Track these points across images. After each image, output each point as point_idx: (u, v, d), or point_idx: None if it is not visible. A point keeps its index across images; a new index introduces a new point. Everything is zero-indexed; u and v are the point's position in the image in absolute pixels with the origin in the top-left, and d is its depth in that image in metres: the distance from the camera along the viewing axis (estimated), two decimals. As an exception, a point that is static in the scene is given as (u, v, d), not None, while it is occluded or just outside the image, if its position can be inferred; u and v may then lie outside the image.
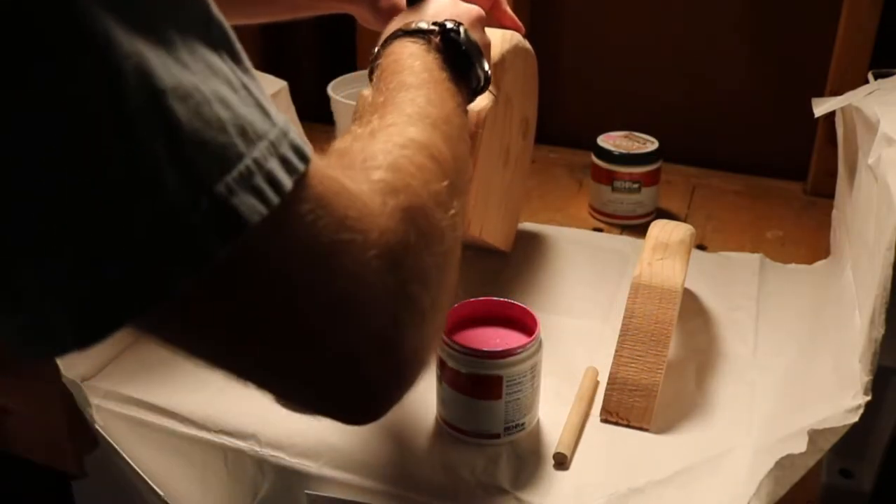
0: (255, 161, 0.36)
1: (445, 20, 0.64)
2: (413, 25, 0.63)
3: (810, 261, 0.97)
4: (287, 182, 0.37)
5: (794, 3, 1.17)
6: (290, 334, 0.39)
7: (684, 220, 1.07)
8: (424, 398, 0.75)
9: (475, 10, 0.71)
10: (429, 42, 0.62)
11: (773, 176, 1.21)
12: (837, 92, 0.97)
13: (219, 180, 0.34)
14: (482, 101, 0.80)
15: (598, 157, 1.08)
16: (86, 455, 0.80)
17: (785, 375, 0.78)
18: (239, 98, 0.36)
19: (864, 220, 0.73)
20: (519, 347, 0.68)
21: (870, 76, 0.98)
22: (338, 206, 0.40)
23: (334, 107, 1.15)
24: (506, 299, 0.74)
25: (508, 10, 0.89)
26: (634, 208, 1.08)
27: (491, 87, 0.81)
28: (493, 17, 0.89)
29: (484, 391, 0.68)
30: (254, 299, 0.37)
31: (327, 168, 0.41)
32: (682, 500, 0.66)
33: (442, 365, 0.70)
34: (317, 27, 1.39)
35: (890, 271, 0.60)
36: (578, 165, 1.22)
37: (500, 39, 0.83)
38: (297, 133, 0.39)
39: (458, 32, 0.63)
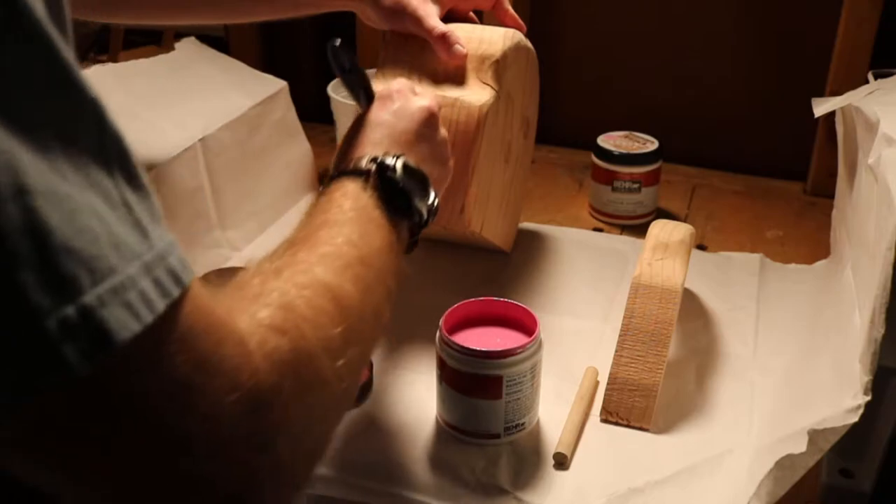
0: (129, 278, 0.34)
1: (385, 153, 0.62)
2: (351, 165, 0.62)
3: (810, 261, 0.97)
4: (159, 305, 0.35)
5: (794, 3, 1.17)
6: (132, 466, 0.37)
7: (684, 220, 1.07)
8: (424, 398, 0.75)
9: (425, 109, 0.69)
10: (366, 179, 0.60)
11: (773, 176, 1.21)
12: (837, 92, 0.97)
13: (88, 291, 0.33)
14: (483, 98, 0.80)
15: (598, 157, 1.08)
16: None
17: (785, 375, 0.78)
18: (116, 215, 0.35)
19: (864, 220, 0.73)
20: (519, 347, 0.68)
21: (870, 76, 0.98)
22: (208, 340, 0.38)
23: (334, 107, 1.15)
24: (506, 299, 0.74)
25: (510, 8, 0.89)
26: (634, 208, 1.07)
27: (492, 84, 0.81)
28: (494, 16, 0.89)
29: (484, 391, 0.68)
30: (101, 424, 0.35)
31: (207, 298, 0.39)
32: (682, 500, 0.66)
33: (442, 365, 0.70)
34: (317, 27, 1.39)
35: (890, 271, 0.60)
36: (578, 165, 1.22)
37: (502, 38, 0.83)
38: (179, 258, 0.37)
39: (394, 170, 0.61)
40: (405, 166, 0.62)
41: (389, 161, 0.61)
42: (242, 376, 0.39)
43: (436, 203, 0.65)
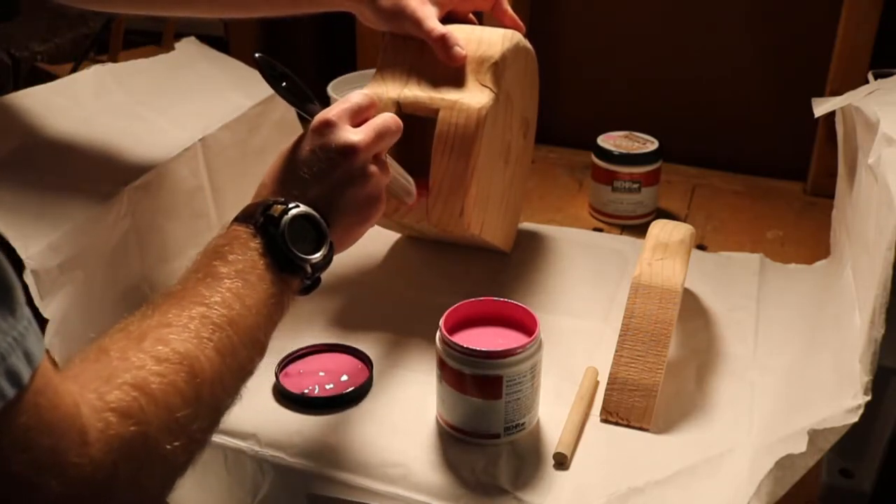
0: None
1: (284, 200, 0.61)
2: (246, 211, 0.61)
3: (810, 261, 0.97)
4: None
5: (795, 3, 1.17)
6: None
7: (684, 220, 1.07)
8: (424, 398, 0.75)
9: (348, 146, 0.65)
10: (256, 229, 0.60)
11: (773, 176, 1.21)
12: (837, 92, 0.97)
13: None
14: (482, 100, 0.80)
15: (598, 157, 1.08)
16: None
17: (785, 375, 0.78)
18: None
19: (864, 220, 0.73)
20: (519, 347, 0.68)
21: (870, 76, 0.98)
22: (48, 438, 0.39)
23: (334, 107, 1.14)
24: (506, 299, 0.74)
25: (509, 9, 0.89)
26: (634, 208, 1.08)
27: (491, 86, 0.81)
28: (493, 17, 0.89)
29: (484, 391, 0.68)
30: None
31: (53, 390, 0.40)
32: (682, 500, 0.66)
33: (442, 365, 0.70)
34: (317, 27, 1.39)
35: (890, 271, 0.60)
36: (578, 165, 1.22)
37: (501, 39, 0.83)
38: (24, 351, 0.38)
39: (278, 224, 0.60)
40: (296, 217, 0.61)
41: (277, 211, 0.60)
42: (77, 471, 0.41)
43: (326, 259, 0.63)
